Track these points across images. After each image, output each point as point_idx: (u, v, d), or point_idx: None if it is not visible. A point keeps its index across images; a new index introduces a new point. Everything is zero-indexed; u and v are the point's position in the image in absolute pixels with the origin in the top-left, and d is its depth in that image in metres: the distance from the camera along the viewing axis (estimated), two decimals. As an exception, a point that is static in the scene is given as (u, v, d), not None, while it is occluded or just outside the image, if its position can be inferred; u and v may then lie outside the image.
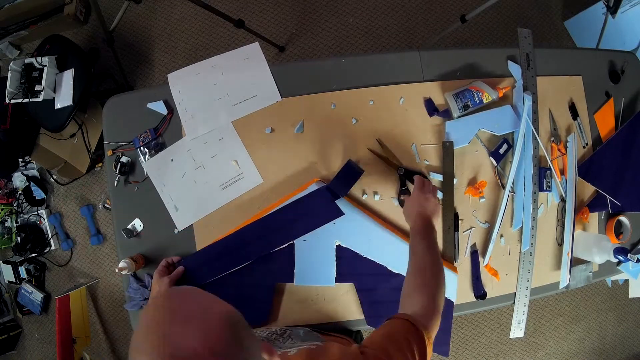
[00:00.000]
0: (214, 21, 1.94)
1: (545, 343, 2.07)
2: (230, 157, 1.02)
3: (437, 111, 1.05)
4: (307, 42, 1.98)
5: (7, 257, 1.94)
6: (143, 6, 1.96)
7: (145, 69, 1.98)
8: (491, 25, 2.03)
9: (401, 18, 2.01)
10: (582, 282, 1.11)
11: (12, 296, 1.97)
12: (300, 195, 0.98)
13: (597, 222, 1.13)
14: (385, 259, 0.99)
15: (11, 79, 1.53)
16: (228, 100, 1.03)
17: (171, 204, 1.02)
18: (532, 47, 1.11)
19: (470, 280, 1.05)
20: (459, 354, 2.02)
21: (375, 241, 0.99)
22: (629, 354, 2.16)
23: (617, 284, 2.04)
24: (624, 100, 1.17)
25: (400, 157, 1.03)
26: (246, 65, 1.06)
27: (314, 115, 1.04)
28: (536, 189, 1.06)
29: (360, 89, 1.05)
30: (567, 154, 1.11)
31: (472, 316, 2.02)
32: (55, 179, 1.92)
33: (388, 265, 0.99)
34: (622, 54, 1.20)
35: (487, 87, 1.03)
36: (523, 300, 1.06)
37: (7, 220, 1.89)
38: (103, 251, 1.94)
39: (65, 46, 1.61)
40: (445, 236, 1.03)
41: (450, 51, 1.13)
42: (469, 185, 1.06)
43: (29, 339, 2.00)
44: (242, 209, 1.01)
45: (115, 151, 1.04)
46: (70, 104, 1.54)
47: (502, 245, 1.06)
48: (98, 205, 1.92)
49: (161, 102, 1.04)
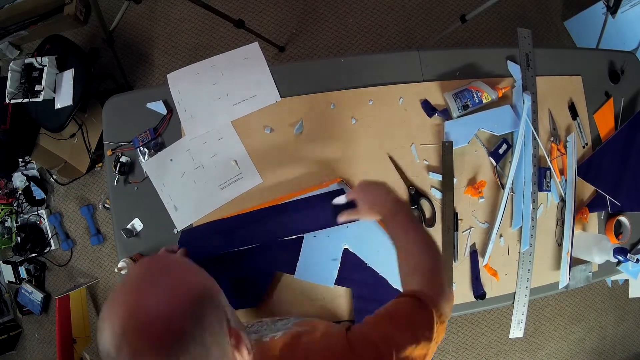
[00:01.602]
0: (214, 21, 1.94)
1: (545, 343, 2.07)
2: (230, 157, 1.02)
3: (436, 111, 1.05)
4: (306, 42, 1.98)
5: (7, 257, 1.94)
6: (143, 6, 1.96)
7: (145, 69, 1.98)
8: (491, 25, 2.03)
9: (401, 18, 2.01)
10: (581, 282, 1.11)
11: (12, 296, 1.96)
12: (319, 192, 0.98)
13: (596, 222, 1.13)
14: (389, 272, 0.99)
15: (11, 79, 1.53)
16: (227, 100, 1.03)
17: (170, 203, 1.02)
18: (532, 47, 1.11)
19: (470, 280, 1.05)
20: (459, 354, 2.02)
21: (383, 253, 0.99)
22: (629, 354, 2.16)
23: (617, 284, 2.03)
24: (623, 100, 1.17)
25: (410, 177, 1.04)
26: (246, 65, 1.06)
27: (313, 115, 1.04)
28: (536, 188, 1.06)
29: (360, 89, 1.05)
30: (566, 154, 1.11)
31: (471, 316, 2.02)
32: (55, 179, 1.92)
33: (389, 279, 0.99)
34: (622, 54, 1.20)
35: (486, 87, 1.03)
36: (522, 300, 1.06)
37: (7, 220, 1.89)
38: (103, 251, 1.94)
39: (65, 46, 1.61)
40: (444, 236, 1.03)
41: (450, 51, 1.13)
42: (468, 185, 1.06)
43: (29, 339, 2.00)
44: (241, 209, 1.01)
45: (114, 151, 1.04)
46: (70, 104, 1.54)
47: (502, 245, 1.06)
48: (98, 205, 1.92)
49: (161, 102, 1.04)
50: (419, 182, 1.04)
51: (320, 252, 0.98)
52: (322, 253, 0.98)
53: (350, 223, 0.96)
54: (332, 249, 0.99)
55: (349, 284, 0.99)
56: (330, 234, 0.98)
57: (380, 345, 0.55)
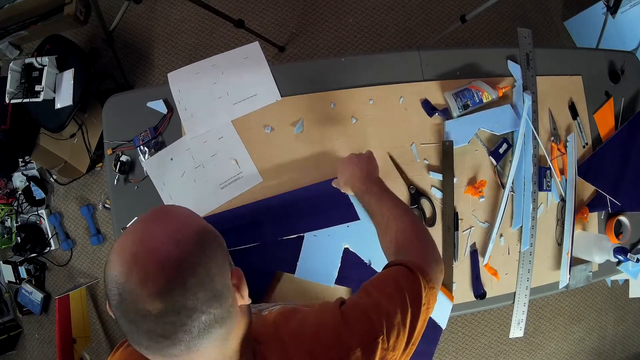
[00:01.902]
0: (214, 21, 1.94)
1: (545, 343, 2.07)
2: (230, 156, 1.02)
3: (436, 110, 1.05)
4: (307, 42, 1.98)
5: (7, 257, 1.93)
6: (143, 6, 1.96)
7: (145, 69, 1.98)
8: (491, 25, 2.03)
9: (401, 18, 2.01)
10: (581, 282, 1.11)
11: (12, 296, 1.96)
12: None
13: (596, 222, 1.13)
14: None
15: (11, 79, 1.53)
16: (228, 100, 1.03)
17: (171, 202, 1.02)
18: (532, 47, 1.11)
19: (470, 280, 1.05)
20: (459, 354, 2.02)
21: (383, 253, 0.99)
22: (629, 354, 2.16)
23: (617, 284, 2.03)
24: (623, 100, 1.17)
25: (410, 177, 1.04)
26: (246, 64, 1.06)
27: (313, 115, 1.04)
28: (536, 188, 1.06)
29: (360, 89, 1.05)
30: (566, 154, 1.11)
31: (472, 316, 2.02)
32: (55, 179, 1.92)
33: None
34: (622, 54, 1.20)
35: (486, 87, 1.04)
36: (523, 300, 1.06)
37: (7, 220, 1.88)
38: (103, 251, 1.94)
39: (65, 46, 1.61)
40: (445, 236, 1.03)
41: (450, 51, 1.13)
42: (468, 184, 1.06)
43: (29, 339, 2.00)
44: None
45: (115, 150, 1.04)
46: (70, 104, 1.54)
47: (502, 245, 1.06)
48: (98, 205, 1.92)
49: (161, 101, 1.04)
50: (419, 182, 1.04)
51: (321, 251, 0.98)
52: (322, 252, 0.98)
53: (350, 223, 0.97)
54: (333, 248, 0.99)
55: (349, 284, 0.99)
56: (331, 233, 0.98)
57: (372, 315, 0.56)
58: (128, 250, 0.43)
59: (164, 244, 0.44)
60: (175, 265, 0.42)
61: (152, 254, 0.43)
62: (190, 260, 0.44)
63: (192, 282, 0.43)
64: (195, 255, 0.44)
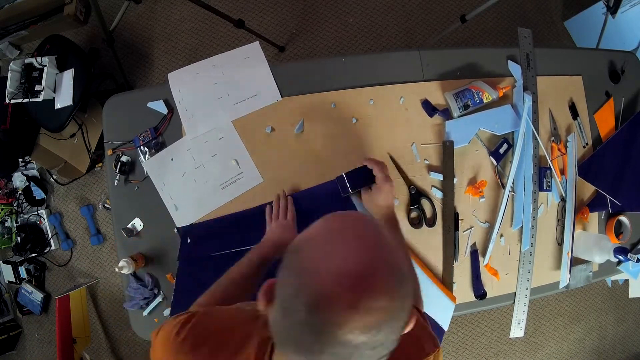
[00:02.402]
0: (214, 21, 1.94)
1: (545, 343, 2.07)
2: (230, 157, 1.02)
3: (437, 111, 1.05)
4: (307, 42, 1.98)
5: (7, 257, 1.93)
6: (143, 6, 1.96)
7: (145, 69, 1.98)
8: (491, 25, 2.03)
9: (401, 18, 2.01)
10: (582, 282, 1.11)
11: (12, 296, 1.96)
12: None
13: (597, 222, 1.13)
14: None
15: (11, 79, 1.53)
16: (228, 100, 1.03)
17: (171, 203, 1.02)
18: (532, 47, 1.11)
19: (470, 280, 1.05)
20: (459, 354, 2.02)
21: None
22: (629, 354, 2.16)
23: (617, 284, 2.03)
24: (624, 100, 1.17)
25: (410, 177, 1.04)
26: (246, 64, 1.06)
27: (314, 115, 1.04)
28: (536, 188, 1.06)
29: (361, 89, 1.05)
30: (567, 154, 1.11)
31: (472, 316, 2.02)
32: (55, 179, 1.92)
33: None
34: (622, 54, 1.20)
35: (487, 87, 1.04)
36: (523, 300, 1.06)
37: (7, 220, 1.88)
38: (103, 251, 1.94)
39: (65, 46, 1.61)
40: (445, 236, 1.03)
41: (450, 51, 1.13)
42: (469, 184, 1.06)
43: (29, 339, 2.00)
44: (242, 209, 1.01)
45: (115, 150, 1.04)
46: (70, 104, 1.54)
47: (502, 245, 1.06)
48: (98, 205, 1.92)
49: (161, 102, 1.04)
50: (420, 182, 1.04)
51: None
52: None
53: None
54: None
55: None
56: None
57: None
58: (351, 270, 0.41)
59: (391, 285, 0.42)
60: (392, 308, 0.41)
61: (378, 292, 0.40)
62: (399, 302, 0.43)
63: (393, 325, 0.43)
64: (401, 299, 0.43)
